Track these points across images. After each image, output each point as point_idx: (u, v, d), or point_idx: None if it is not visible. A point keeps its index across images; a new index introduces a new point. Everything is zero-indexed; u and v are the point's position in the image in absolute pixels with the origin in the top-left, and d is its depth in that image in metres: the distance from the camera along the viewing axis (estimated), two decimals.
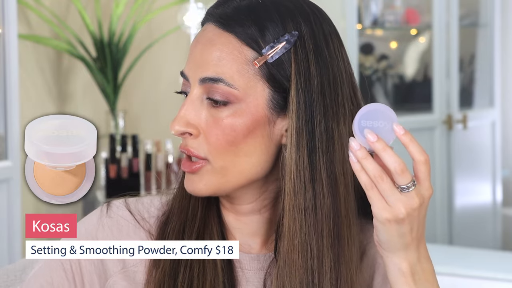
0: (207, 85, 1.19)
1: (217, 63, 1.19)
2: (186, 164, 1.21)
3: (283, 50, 1.19)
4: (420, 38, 4.45)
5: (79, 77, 4.00)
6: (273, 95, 1.20)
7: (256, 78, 1.19)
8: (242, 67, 1.19)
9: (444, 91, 4.28)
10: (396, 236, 1.13)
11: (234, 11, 1.21)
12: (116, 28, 3.82)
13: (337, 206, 1.18)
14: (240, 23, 1.20)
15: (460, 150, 4.33)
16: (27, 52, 3.76)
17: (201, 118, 1.20)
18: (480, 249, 4.01)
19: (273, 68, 1.19)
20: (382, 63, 4.35)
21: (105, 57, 3.78)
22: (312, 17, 1.22)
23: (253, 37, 1.19)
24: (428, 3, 4.27)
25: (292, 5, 1.22)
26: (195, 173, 1.21)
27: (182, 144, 1.22)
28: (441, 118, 4.30)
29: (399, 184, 1.12)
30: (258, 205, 1.26)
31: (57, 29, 3.80)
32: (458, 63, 4.32)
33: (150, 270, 1.23)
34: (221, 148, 1.19)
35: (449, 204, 4.32)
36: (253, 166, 1.20)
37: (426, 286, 1.17)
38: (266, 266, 1.26)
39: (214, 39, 1.20)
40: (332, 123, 1.19)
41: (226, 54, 1.19)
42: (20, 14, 3.66)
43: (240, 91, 1.19)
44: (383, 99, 4.32)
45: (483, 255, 3.37)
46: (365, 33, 4.30)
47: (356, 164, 1.12)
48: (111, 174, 3.61)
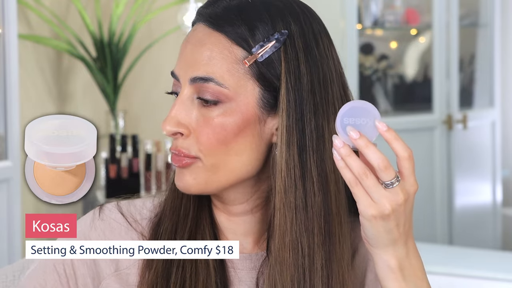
0: (197, 84, 1.20)
1: (207, 62, 1.20)
2: (177, 158, 1.21)
3: (273, 49, 1.19)
4: (420, 38, 4.44)
5: (79, 77, 4.00)
6: (264, 94, 1.20)
7: (246, 77, 1.20)
8: (232, 66, 1.20)
9: (444, 91, 4.28)
10: (383, 232, 1.13)
11: (224, 11, 1.21)
12: (116, 28, 3.82)
13: (328, 203, 1.19)
14: (230, 23, 1.20)
15: (460, 150, 4.33)
16: (27, 52, 3.76)
17: (192, 117, 1.20)
18: (480, 249, 4.00)
19: (263, 67, 1.20)
20: (382, 63, 4.35)
21: (105, 57, 3.78)
22: (302, 16, 1.23)
23: (243, 37, 1.20)
24: (428, 3, 4.27)
25: (282, 4, 1.23)
26: (185, 168, 1.21)
27: (173, 146, 1.22)
28: (441, 118, 4.30)
29: (383, 181, 1.12)
30: (250, 205, 1.26)
31: (57, 29, 3.80)
32: (458, 63, 4.32)
33: (143, 272, 1.23)
34: (212, 147, 1.19)
35: (449, 204, 4.32)
36: (244, 165, 1.21)
37: (415, 281, 1.17)
38: (258, 265, 1.26)
39: (204, 39, 1.21)
40: (322, 121, 1.19)
41: (216, 53, 1.20)
42: (20, 14, 3.66)
43: (230, 90, 1.19)
44: (383, 99, 4.32)
45: (483, 255, 3.36)
46: (365, 33, 4.30)
47: (340, 162, 1.12)
48: (111, 174, 3.61)
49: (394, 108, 4.36)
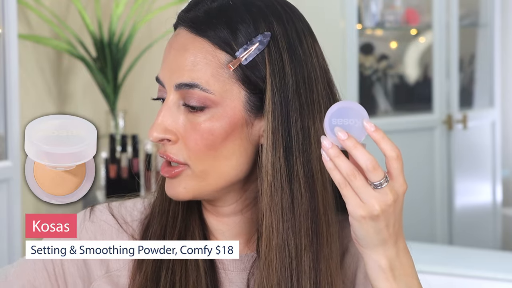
0: (182, 91, 1.19)
1: (191, 68, 1.19)
2: (166, 169, 1.21)
3: (256, 52, 1.19)
4: (420, 38, 4.43)
5: (79, 77, 3.98)
6: (250, 97, 1.19)
7: (232, 81, 1.19)
8: (216, 71, 1.19)
9: (444, 91, 4.27)
10: (373, 232, 1.13)
11: (205, 15, 1.20)
12: (116, 28, 3.81)
13: (315, 204, 1.18)
14: (212, 27, 1.19)
15: (460, 150, 4.32)
16: (27, 52, 3.74)
17: (179, 123, 1.19)
18: (480, 249, 3.99)
19: (247, 70, 1.19)
20: (382, 63, 4.34)
21: (105, 57, 3.76)
22: (284, 15, 1.22)
23: (226, 40, 1.19)
24: (428, 3, 4.26)
25: (263, 5, 1.21)
26: (175, 178, 1.20)
27: (161, 150, 1.21)
28: (441, 118, 4.29)
29: (372, 181, 1.11)
30: (240, 206, 1.25)
31: (57, 29, 3.78)
32: (458, 63, 4.31)
33: (133, 274, 1.22)
34: (201, 152, 1.19)
35: (449, 204, 4.30)
36: (233, 169, 1.20)
37: (406, 280, 1.17)
38: (249, 266, 1.26)
39: (187, 44, 1.20)
40: (308, 121, 1.19)
41: (200, 59, 1.19)
42: (20, 14, 3.64)
43: (216, 95, 1.18)
44: (383, 99, 4.30)
45: (483, 255, 3.35)
46: (365, 33, 4.28)
47: (329, 163, 1.11)
48: (111, 174, 3.60)
49: (394, 108, 4.35)
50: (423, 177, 4.20)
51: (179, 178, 1.20)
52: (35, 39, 3.74)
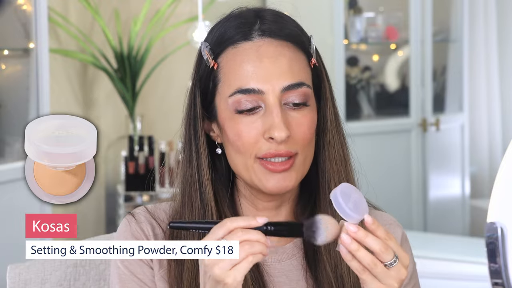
0: (289, 91, 1.11)
1: (293, 70, 1.12)
2: (279, 164, 1.12)
3: (313, 51, 1.16)
4: (398, 52, 4.40)
5: (102, 86, 3.94)
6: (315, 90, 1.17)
7: (311, 76, 1.16)
8: (305, 69, 1.14)
9: (419, 97, 4.22)
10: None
11: (276, 23, 1.14)
12: (135, 43, 3.78)
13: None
14: (291, 32, 1.14)
15: (434, 149, 4.27)
16: (57, 64, 3.70)
17: (290, 120, 1.11)
18: (451, 235, 3.96)
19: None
20: (365, 74, 4.29)
21: (124, 69, 3.73)
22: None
23: (302, 42, 1.15)
24: (406, 21, 4.23)
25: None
26: (289, 169, 1.12)
27: (272, 150, 1.11)
28: (416, 122, 4.22)
29: (385, 262, 1.00)
30: (279, 202, 1.18)
31: (83, 44, 3.75)
32: (432, 74, 4.26)
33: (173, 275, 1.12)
34: (307, 141, 1.14)
35: (424, 196, 4.25)
36: (312, 153, 1.16)
37: None
38: (284, 258, 1.16)
39: (280, 50, 1.12)
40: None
41: (295, 61, 1.13)
42: (50, 30, 3.60)
43: (312, 89, 1.15)
44: (366, 105, 4.26)
45: (453, 240, 3.34)
46: (351, 48, 4.25)
47: (348, 255, 1.00)
48: (130, 170, 3.59)
49: (376, 113, 4.32)
50: (401, 173, 4.16)
51: (294, 167, 1.12)
52: (63, 53, 3.74)
